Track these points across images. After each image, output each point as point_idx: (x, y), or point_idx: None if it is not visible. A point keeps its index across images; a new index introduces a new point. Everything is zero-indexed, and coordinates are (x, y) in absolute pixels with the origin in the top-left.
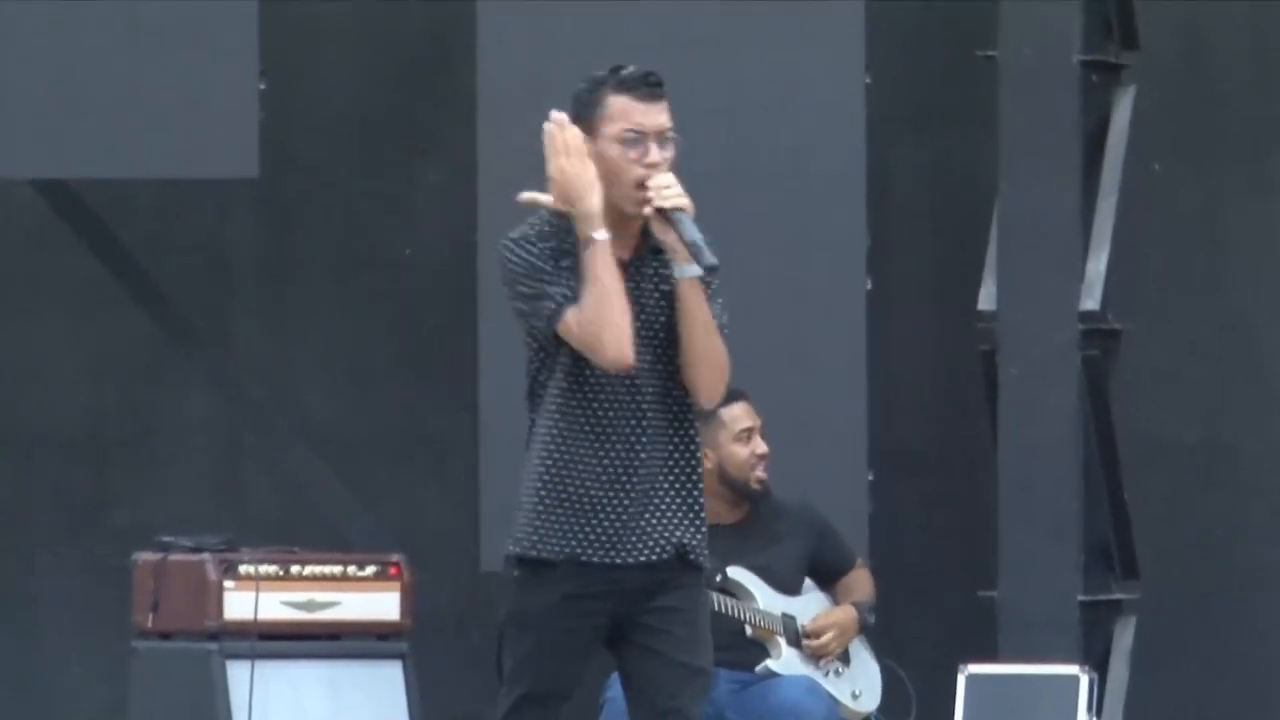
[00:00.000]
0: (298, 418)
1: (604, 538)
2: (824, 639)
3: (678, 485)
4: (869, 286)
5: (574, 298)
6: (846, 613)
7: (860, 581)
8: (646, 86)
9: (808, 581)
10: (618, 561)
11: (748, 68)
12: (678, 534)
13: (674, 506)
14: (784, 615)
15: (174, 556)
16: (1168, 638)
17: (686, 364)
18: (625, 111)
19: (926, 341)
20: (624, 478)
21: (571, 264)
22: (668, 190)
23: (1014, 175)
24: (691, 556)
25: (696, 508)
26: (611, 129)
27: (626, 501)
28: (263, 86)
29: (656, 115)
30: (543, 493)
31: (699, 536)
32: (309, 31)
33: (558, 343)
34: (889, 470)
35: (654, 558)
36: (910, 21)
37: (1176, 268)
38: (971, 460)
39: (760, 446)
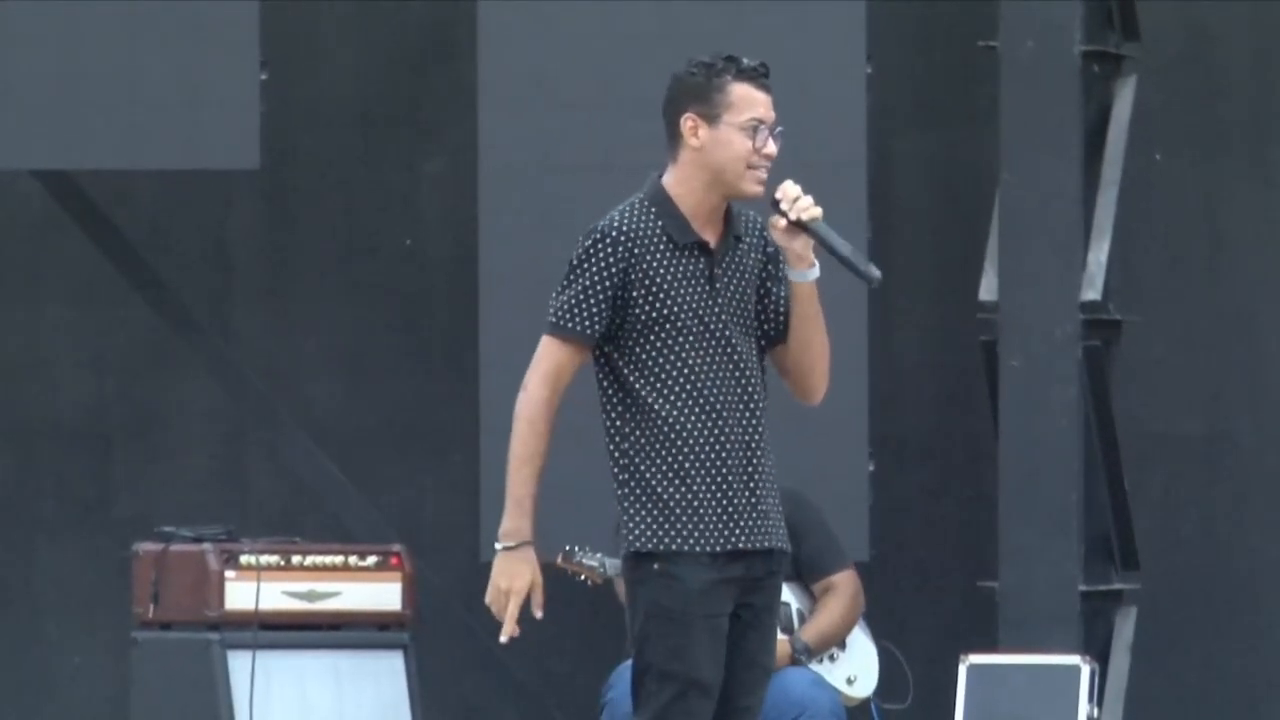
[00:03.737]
0: (299, 408)
1: (743, 524)
2: None
3: (773, 472)
4: None
5: (581, 332)
6: (780, 646)
7: (828, 605)
8: (765, 78)
9: None
10: (755, 547)
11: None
12: (781, 520)
13: (775, 492)
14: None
15: (175, 547)
16: (1168, 628)
17: (803, 365)
18: (750, 101)
19: (928, 332)
20: (748, 466)
21: (611, 294)
22: (801, 202)
23: (1015, 166)
24: (787, 544)
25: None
26: (736, 117)
27: (753, 486)
28: (264, 77)
29: (771, 108)
30: (683, 485)
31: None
32: (310, 22)
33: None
34: (890, 461)
35: (777, 544)
36: (911, 12)
37: (1177, 258)
38: (972, 451)
39: None
